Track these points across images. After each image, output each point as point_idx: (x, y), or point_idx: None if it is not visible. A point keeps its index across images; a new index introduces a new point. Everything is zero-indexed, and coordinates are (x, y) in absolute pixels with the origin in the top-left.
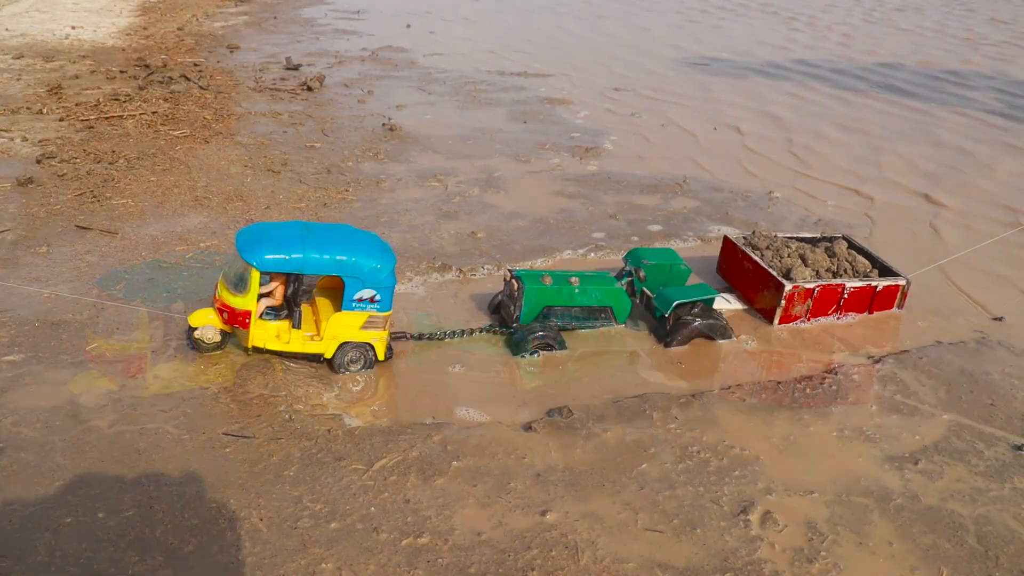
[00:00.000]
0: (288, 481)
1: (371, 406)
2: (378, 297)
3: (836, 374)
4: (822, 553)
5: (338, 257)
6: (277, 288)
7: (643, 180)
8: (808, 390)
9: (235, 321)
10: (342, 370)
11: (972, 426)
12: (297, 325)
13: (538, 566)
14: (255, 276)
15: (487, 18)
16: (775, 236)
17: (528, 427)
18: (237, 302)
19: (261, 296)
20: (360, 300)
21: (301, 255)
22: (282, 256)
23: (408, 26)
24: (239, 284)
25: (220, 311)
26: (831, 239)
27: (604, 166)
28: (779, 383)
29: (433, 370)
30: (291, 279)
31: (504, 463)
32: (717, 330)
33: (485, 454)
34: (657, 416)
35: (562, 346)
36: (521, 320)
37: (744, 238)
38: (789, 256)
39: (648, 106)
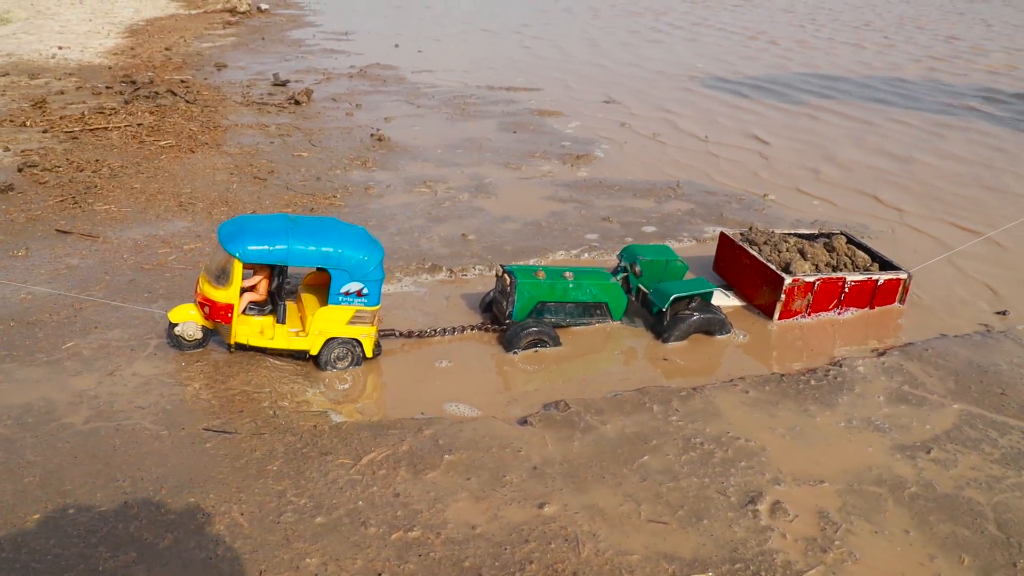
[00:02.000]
0: (271, 476)
1: (359, 403)
2: (365, 291)
3: (840, 366)
4: (836, 543)
5: (324, 249)
6: (261, 282)
7: (636, 185)
8: (812, 382)
9: (217, 315)
10: (328, 367)
11: (984, 415)
12: (282, 320)
13: (537, 559)
14: (237, 267)
15: (474, 39)
16: (772, 232)
17: (523, 421)
18: (219, 295)
19: (244, 291)
20: (347, 294)
21: (285, 246)
22: (265, 247)
23: (396, 46)
24: (221, 276)
25: (201, 305)
26: (829, 235)
27: (596, 172)
28: (782, 376)
29: (423, 368)
30: (275, 272)
31: (499, 456)
32: (716, 325)
33: (479, 448)
34: (657, 409)
35: (556, 342)
36: (514, 316)
37: (741, 234)
38: (787, 251)
39: (638, 117)
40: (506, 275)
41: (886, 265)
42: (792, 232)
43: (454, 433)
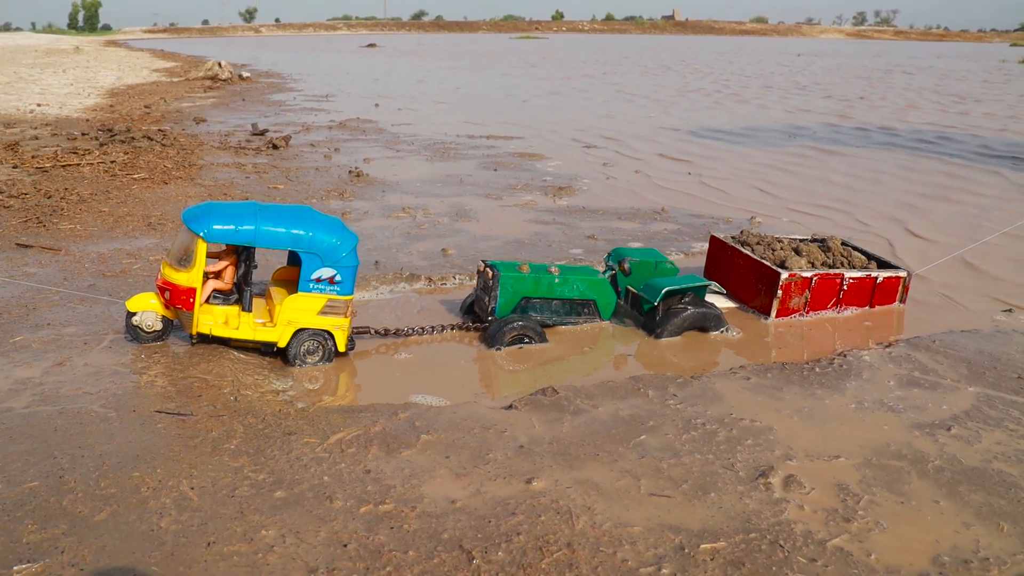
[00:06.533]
0: (228, 453)
1: (329, 394)
2: (338, 278)
3: (846, 356)
4: (859, 513)
5: (294, 231)
6: (227, 269)
7: (620, 210)
8: (817, 369)
9: (178, 301)
10: (298, 361)
11: (1003, 397)
12: (248, 308)
13: (525, 531)
14: (201, 248)
15: (452, 98)
16: (764, 235)
17: (508, 406)
18: (181, 278)
19: (208, 277)
20: (319, 281)
21: (253, 227)
22: (232, 227)
23: (376, 105)
24: (184, 259)
25: (162, 290)
26: (823, 239)
27: (579, 201)
28: (785, 364)
29: (399, 365)
30: (242, 259)
31: (481, 436)
32: (711, 320)
33: (460, 429)
34: (653, 394)
35: (542, 339)
36: (497, 313)
37: (732, 237)
38: (781, 250)
39: (620, 159)
40: (488, 269)
41: (884, 265)
42: (785, 236)
43: (432, 416)
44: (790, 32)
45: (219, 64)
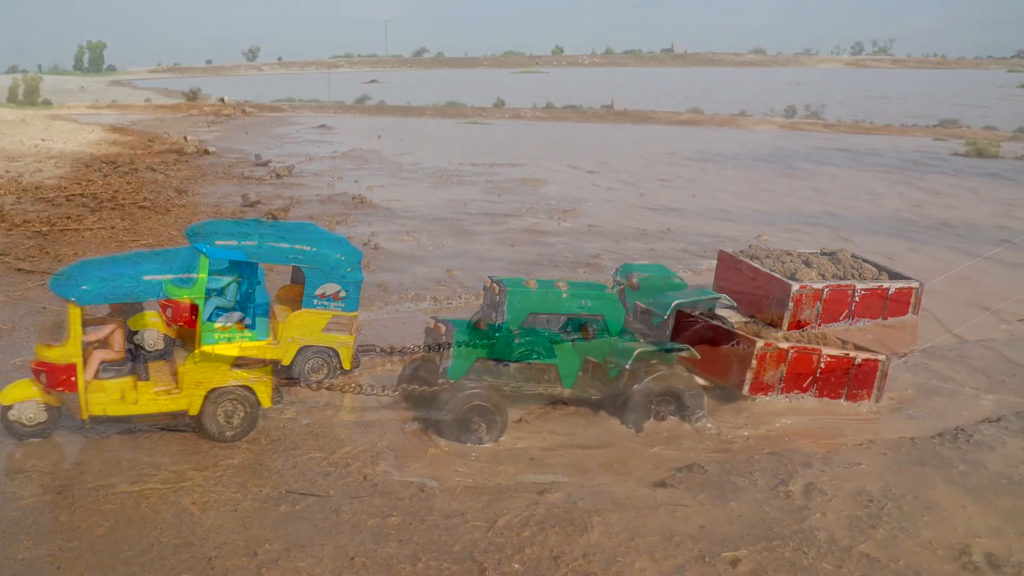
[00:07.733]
0: (230, 469)
1: (333, 410)
2: (343, 294)
3: (861, 366)
4: (884, 519)
5: (298, 246)
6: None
7: (625, 230)
8: (831, 379)
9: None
10: (303, 380)
11: None
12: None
13: (539, 542)
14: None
15: (448, 135)
16: (773, 249)
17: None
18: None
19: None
20: (323, 297)
21: (256, 242)
22: (235, 243)
23: (379, 136)
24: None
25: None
26: (833, 252)
27: (584, 223)
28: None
29: None
30: (245, 276)
31: (491, 450)
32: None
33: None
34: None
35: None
36: (504, 327)
37: (741, 251)
38: (791, 262)
39: (624, 185)
40: (495, 285)
41: (895, 277)
42: (793, 251)
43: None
44: (789, 62)
45: (222, 99)
